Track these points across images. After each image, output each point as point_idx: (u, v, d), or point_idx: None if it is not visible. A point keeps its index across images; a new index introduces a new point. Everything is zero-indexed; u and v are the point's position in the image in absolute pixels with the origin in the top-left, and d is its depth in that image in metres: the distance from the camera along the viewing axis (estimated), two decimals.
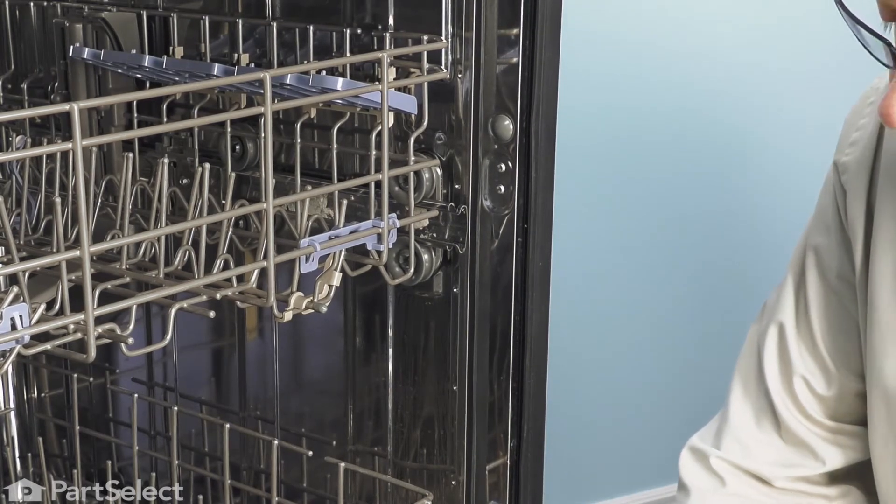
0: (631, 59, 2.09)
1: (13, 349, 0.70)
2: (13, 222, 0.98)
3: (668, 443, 0.87)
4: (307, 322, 1.10)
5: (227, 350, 1.22)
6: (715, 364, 2.37)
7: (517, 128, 0.88)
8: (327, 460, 1.03)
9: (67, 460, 1.25)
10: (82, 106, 0.67)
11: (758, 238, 2.25)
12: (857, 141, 0.94)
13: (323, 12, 0.98)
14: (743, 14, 2.12)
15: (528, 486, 0.96)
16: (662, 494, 2.29)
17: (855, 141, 0.94)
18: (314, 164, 1.01)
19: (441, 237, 0.94)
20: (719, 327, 2.28)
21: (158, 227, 0.87)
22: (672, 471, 0.99)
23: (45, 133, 1.10)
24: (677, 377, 2.31)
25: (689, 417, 2.45)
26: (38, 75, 1.13)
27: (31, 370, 1.29)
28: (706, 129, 2.14)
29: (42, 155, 0.98)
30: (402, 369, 1.03)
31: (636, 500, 2.31)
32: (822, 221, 0.97)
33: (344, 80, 0.85)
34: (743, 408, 0.98)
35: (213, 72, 0.89)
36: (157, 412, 1.22)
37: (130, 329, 0.75)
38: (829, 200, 0.96)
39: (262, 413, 1.18)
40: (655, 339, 2.27)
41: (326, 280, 0.86)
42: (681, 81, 2.15)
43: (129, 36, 1.02)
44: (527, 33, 0.87)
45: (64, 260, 0.70)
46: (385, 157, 0.86)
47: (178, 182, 1.04)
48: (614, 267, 2.18)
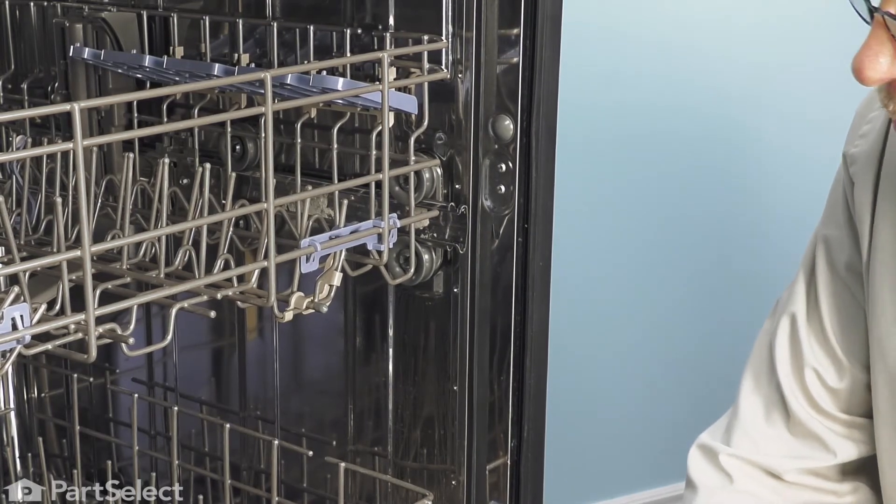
0: (632, 58, 2.09)
1: (14, 349, 0.70)
2: (14, 222, 0.98)
3: (668, 443, 0.87)
4: (307, 322, 1.10)
5: (228, 350, 1.22)
6: (715, 364, 2.37)
7: (517, 128, 0.88)
8: (327, 460, 1.03)
9: (67, 460, 1.25)
10: (83, 106, 0.67)
11: (759, 237, 2.25)
12: (868, 133, 0.94)
13: (323, 12, 0.98)
14: (745, 12, 2.12)
15: (529, 485, 0.96)
16: (662, 494, 2.29)
17: (865, 133, 0.94)
18: (315, 164, 1.01)
19: (441, 237, 0.94)
20: (720, 327, 2.28)
21: (159, 227, 0.87)
22: (672, 470, 1.00)
23: (46, 133, 1.10)
24: (677, 377, 2.31)
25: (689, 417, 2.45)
26: (39, 75, 1.13)
27: (32, 370, 1.29)
28: (707, 128, 2.14)
29: (42, 155, 0.98)
30: (403, 369, 1.03)
31: (636, 500, 2.31)
32: (833, 213, 0.97)
33: (344, 80, 0.85)
34: (753, 401, 0.98)
35: (213, 72, 0.89)
36: (158, 412, 1.22)
37: (131, 329, 0.75)
38: (839, 192, 0.96)
39: (263, 413, 1.18)
40: (656, 338, 2.27)
41: (327, 280, 0.86)
42: (682, 81, 2.15)
43: (129, 36, 1.02)
44: (527, 33, 0.87)
45: (64, 260, 0.70)
46: (385, 157, 0.86)
47: (179, 182, 1.04)
48: (614, 267, 2.18)
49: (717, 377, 2.41)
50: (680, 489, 1.02)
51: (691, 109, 2.16)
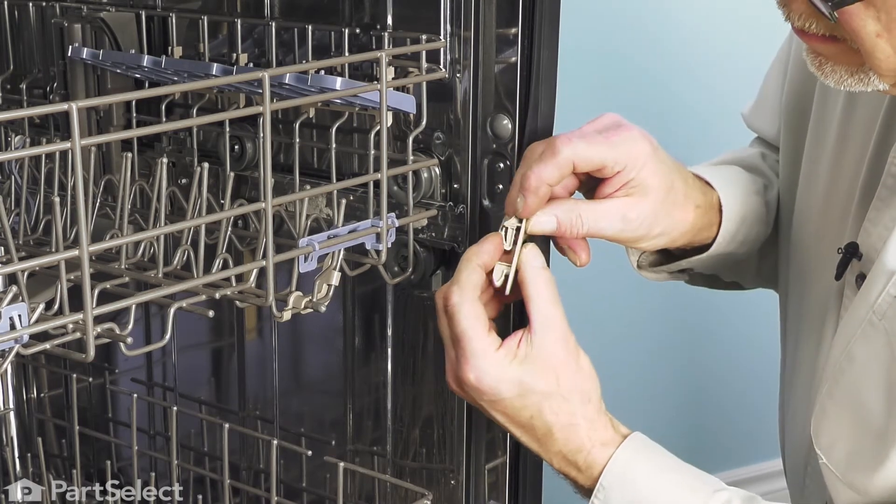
0: (632, 58, 2.09)
1: (12, 349, 0.70)
2: (12, 222, 0.98)
3: (668, 443, 0.87)
4: (306, 322, 1.10)
5: (227, 350, 1.22)
6: (715, 364, 2.38)
7: (516, 127, 0.88)
8: (327, 460, 1.03)
9: (67, 460, 1.25)
10: (81, 105, 0.67)
11: None
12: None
13: (321, 12, 0.98)
14: (746, 11, 2.12)
15: (528, 485, 0.96)
16: None
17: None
18: (313, 163, 1.01)
19: (440, 236, 0.94)
20: (720, 327, 2.28)
21: (157, 227, 0.87)
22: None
23: (44, 133, 1.10)
24: (677, 377, 2.31)
25: (688, 417, 2.46)
26: (37, 75, 1.13)
27: (31, 370, 1.29)
28: (707, 128, 2.14)
29: (41, 155, 0.98)
30: (402, 369, 1.03)
31: None
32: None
33: (343, 80, 0.85)
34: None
35: (211, 71, 0.89)
36: (157, 412, 1.22)
37: (129, 328, 0.75)
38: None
39: (262, 413, 1.18)
40: (656, 338, 2.27)
41: (325, 279, 0.86)
42: (681, 82, 2.15)
43: (127, 36, 1.02)
44: (525, 32, 0.87)
45: (63, 259, 0.70)
46: (384, 157, 0.86)
47: (177, 182, 1.04)
48: (614, 266, 2.17)
49: (718, 377, 2.41)
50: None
51: (692, 109, 2.16)
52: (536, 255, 0.84)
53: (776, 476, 1.29)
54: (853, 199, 0.95)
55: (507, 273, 0.84)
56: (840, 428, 0.90)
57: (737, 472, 2.35)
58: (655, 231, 0.90)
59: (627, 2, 2.08)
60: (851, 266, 0.92)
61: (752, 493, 0.86)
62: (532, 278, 0.83)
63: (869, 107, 0.95)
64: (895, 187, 0.89)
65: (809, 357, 1.00)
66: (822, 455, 0.91)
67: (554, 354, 0.83)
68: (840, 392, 0.89)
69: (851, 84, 0.82)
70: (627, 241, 0.90)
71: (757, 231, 1.02)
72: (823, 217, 0.99)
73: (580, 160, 0.84)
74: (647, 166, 0.87)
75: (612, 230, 0.87)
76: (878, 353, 0.86)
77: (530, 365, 0.83)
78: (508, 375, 0.82)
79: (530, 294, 0.83)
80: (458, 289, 0.83)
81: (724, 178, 0.99)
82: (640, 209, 0.87)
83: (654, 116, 2.10)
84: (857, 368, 0.88)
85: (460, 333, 0.82)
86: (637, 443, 0.86)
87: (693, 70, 2.17)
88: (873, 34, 0.77)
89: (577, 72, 1.86)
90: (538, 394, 0.83)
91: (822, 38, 0.81)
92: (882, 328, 0.86)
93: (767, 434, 1.25)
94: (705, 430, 2.35)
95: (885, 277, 0.86)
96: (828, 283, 0.96)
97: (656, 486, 0.85)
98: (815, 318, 0.99)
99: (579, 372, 0.84)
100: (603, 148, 0.85)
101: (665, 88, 2.14)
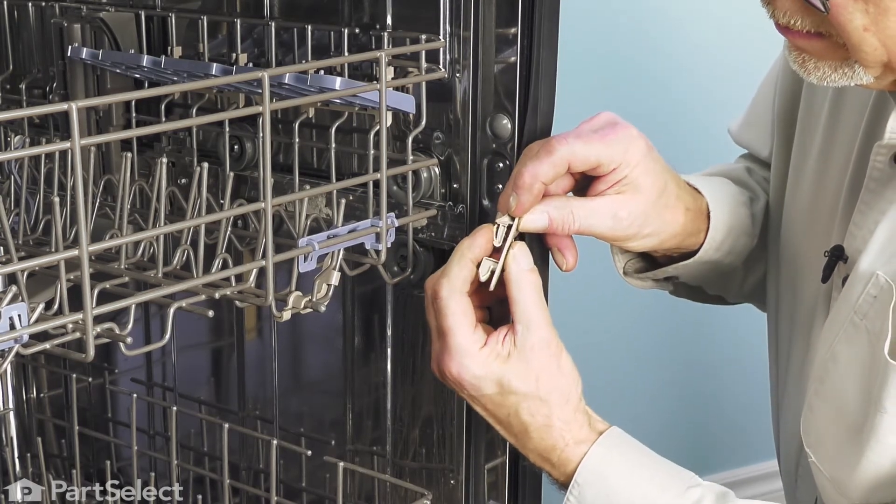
0: (631, 58, 2.09)
1: (12, 349, 0.70)
2: (12, 222, 0.98)
3: (668, 442, 0.87)
4: (306, 321, 1.10)
5: (226, 350, 1.22)
6: (716, 364, 2.37)
7: (515, 127, 0.88)
8: (326, 460, 1.03)
9: (67, 460, 1.25)
10: (81, 105, 0.67)
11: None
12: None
13: (321, 12, 0.98)
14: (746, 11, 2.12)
15: (527, 485, 0.96)
16: None
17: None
18: (312, 163, 1.01)
19: (440, 236, 0.94)
20: (720, 327, 2.28)
21: (157, 227, 0.87)
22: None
23: (44, 133, 1.10)
24: (677, 377, 2.31)
25: (689, 417, 2.46)
26: (37, 75, 1.13)
27: (30, 370, 1.29)
28: (707, 129, 2.14)
29: (41, 154, 0.98)
30: (401, 368, 1.03)
31: None
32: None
33: (342, 80, 0.85)
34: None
35: (211, 71, 0.89)
36: (157, 412, 1.22)
37: (129, 328, 0.75)
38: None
39: (262, 413, 1.18)
40: (656, 338, 2.27)
41: (325, 279, 0.86)
42: (681, 82, 2.15)
43: (127, 36, 1.02)
44: (525, 32, 0.87)
45: (62, 259, 0.70)
46: (383, 157, 0.86)
47: (177, 182, 1.04)
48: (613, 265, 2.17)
49: (716, 378, 2.41)
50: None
51: (692, 109, 2.16)
52: (524, 254, 0.84)
53: (773, 477, 1.30)
54: (839, 202, 0.95)
55: (493, 269, 0.84)
56: (826, 426, 0.90)
57: (735, 473, 2.35)
58: (646, 231, 0.90)
59: (627, 2, 2.08)
60: (838, 269, 0.92)
61: (726, 489, 0.86)
62: (517, 279, 0.84)
63: (853, 111, 0.95)
64: (877, 190, 0.89)
65: (800, 358, 1.00)
66: (811, 453, 0.91)
67: (535, 356, 0.83)
68: (826, 391, 0.90)
69: (835, 79, 0.83)
70: (617, 239, 0.90)
71: (743, 242, 1.02)
72: (811, 220, 1.00)
73: (576, 158, 0.84)
74: (640, 165, 0.87)
75: (602, 227, 0.87)
76: (860, 353, 0.87)
77: (511, 365, 0.83)
78: (489, 374, 0.83)
79: (514, 295, 0.83)
80: (448, 283, 0.83)
81: (713, 187, 0.99)
82: (631, 207, 0.88)
83: (654, 116, 2.10)
84: (840, 368, 0.88)
85: (446, 328, 0.83)
86: (613, 439, 0.87)
87: (693, 70, 2.17)
88: (860, 28, 0.77)
89: (577, 72, 1.86)
90: (517, 394, 0.84)
91: (806, 34, 0.81)
92: (864, 328, 0.86)
93: (765, 435, 1.25)
94: (703, 430, 2.35)
95: (866, 278, 0.87)
96: (816, 285, 0.96)
97: (629, 482, 0.85)
98: (805, 321, 0.99)
99: (559, 372, 0.85)
100: (598, 146, 0.85)
101: (665, 89, 2.14)
